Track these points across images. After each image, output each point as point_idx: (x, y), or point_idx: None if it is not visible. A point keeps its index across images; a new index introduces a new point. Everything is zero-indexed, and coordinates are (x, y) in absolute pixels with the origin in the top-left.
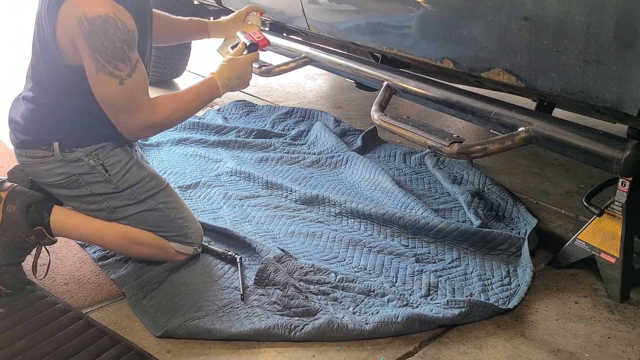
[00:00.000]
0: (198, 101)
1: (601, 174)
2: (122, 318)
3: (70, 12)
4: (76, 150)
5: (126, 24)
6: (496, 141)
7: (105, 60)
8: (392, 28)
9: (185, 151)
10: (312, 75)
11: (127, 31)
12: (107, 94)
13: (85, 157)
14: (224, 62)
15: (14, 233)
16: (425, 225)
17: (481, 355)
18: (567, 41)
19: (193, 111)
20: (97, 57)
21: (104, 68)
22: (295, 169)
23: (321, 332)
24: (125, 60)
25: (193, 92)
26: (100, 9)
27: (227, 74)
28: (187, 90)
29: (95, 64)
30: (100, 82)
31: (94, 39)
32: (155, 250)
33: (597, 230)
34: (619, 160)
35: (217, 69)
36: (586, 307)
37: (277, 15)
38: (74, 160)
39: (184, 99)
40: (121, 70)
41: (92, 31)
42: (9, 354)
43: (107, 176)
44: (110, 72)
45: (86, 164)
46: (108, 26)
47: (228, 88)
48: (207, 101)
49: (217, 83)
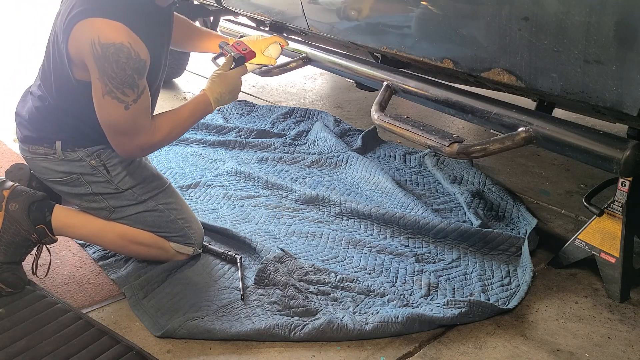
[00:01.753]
0: (193, 119)
1: (601, 174)
2: (122, 318)
3: (84, 32)
4: (78, 150)
5: (139, 54)
6: (496, 141)
7: (114, 85)
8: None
9: (185, 151)
10: (312, 75)
11: (139, 60)
12: (111, 117)
13: (87, 158)
14: (214, 78)
15: (16, 231)
16: (425, 225)
17: (481, 355)
18: (567, 41)
19: (188, 128)
20: (105, 81)
21: (111, 92)
22: (295, 169)
23: (321, 332)
24: (133, 87)
25: (187, 110)
26: (116, 37)
27: (219, 89)
28: (182, 109)
29: (103, 87)
30: (105, 105)
31: (105, 65)
32: (154, 250)
33: (597, 230)
34: (619, 160)
35: (208, 84)
36: (586, 307)
37: (277, 15)
38: (76, 159)
39: (179, 117)
40: (128, 96)
41: (104, 57)
42: (9, 354)
43: (108, 177)
44: (117, 97)
45: (87, 164)
46: (121, 55)
47: (220, 103)
48: (201, 117)
49: (209, 99)
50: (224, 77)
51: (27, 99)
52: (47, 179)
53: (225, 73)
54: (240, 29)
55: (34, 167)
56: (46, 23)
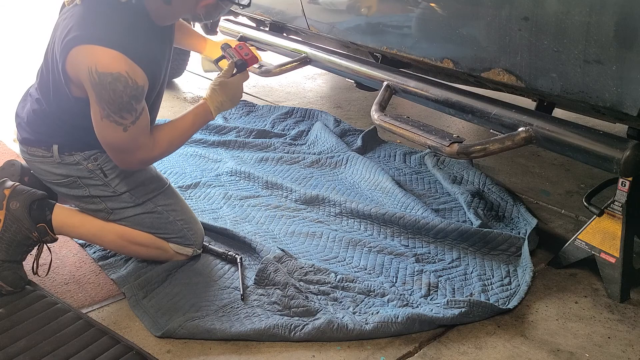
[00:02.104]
0: (193, 129)
1: (601, 174)
2: (122, 318)
3: (81, 59)
4: (75, 154)
5: (136, 81)
6: (496, 141)
7: (112, 110)
8: (392, 28)
9: (185, 151)
10: (312, 75)
11: (137, 87)
12: (110, 138)
13: (84, 161)
14: (215, 86)
15: (17, 229)
16: (425, 225)
17: (481, 355)
18: (567, 41)
19: (188, 138)
20: (103, 106)
21: (109, 116)
22: (295, 169)
23: (321, 332)
24: (131, 111)
25: (188, 121)
26: (113, 66)
27: (220, 98)
28: (182, 120)
29: (101, 111)
30: (104, 127)
31: (102, 92)
32: (154, 251)
33: (597, 230)
34: (619, 160)
35: (209, 93)
36: (586, 307)
37: (277, 15)
38: (73, 163)
39: (179, 129)
40: (126, 119)
41: (101, 85)
42: (9, 354)
43: (105, 180)
44: (115, 121)
45: (84, 168)
46: (118, 84)
47: (220, 111)
48: (202, 126)
49: (209, 109)
50: (225, 85)
51: (27, 100)
52: (46, 180)
53: (226, 81)
54: (240, 29)
55: (33, 168)
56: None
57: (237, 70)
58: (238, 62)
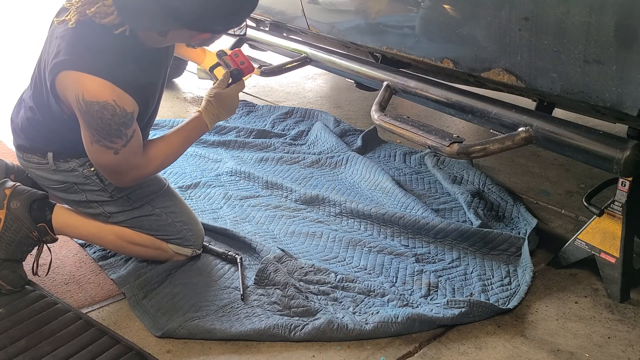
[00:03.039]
0: (188, 144)
1: (601, 174)
2: (122, 318)
3: (68, 84)
4: (70, 161)
5: (125, 109)
6: (496, 141)
7: (101, 136)
8: (392, 28)
9: (185, 151)
10: (312, 75)
11: (125, 115)
12: (101, 161)
13: (80, 167)
14: (210, 99)
15: (17, 228)
16: (425, 225)
17: (481, 355)
18: (567, 41)
19: (183, 152)
20: (92, 132)
21: (99, 142)
22: (295, 169)
23: (321, 332)
24: (121, 136)
25: (182, 136)
26: (100, 94)
27: (215, 111)
28: (177, 134)
29: (91, 136)
30: (95, 150)
31: (90, 120)
32: (153, 251)
33: (597, 230)
34: (619, 160)
35: (204, 105)
36: (586, 307)
37: (277, 15)
38: (69, 170)
39: (174, 145)
40: (116, 143)
41: (89, 113)
42: (9, 354)
43: (102, 185)
44: (106, 145)
45: (80, 174)
46: (105, 112)
47: (216, 122)
48: (196, 139)
49: (205, 122)
50: (221, 97)
51: (21, 106)
52: (44, 185)
53: (221, 92)
54: None
55: (31, 173)
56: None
57: (233, 80)
58: (234, 72)
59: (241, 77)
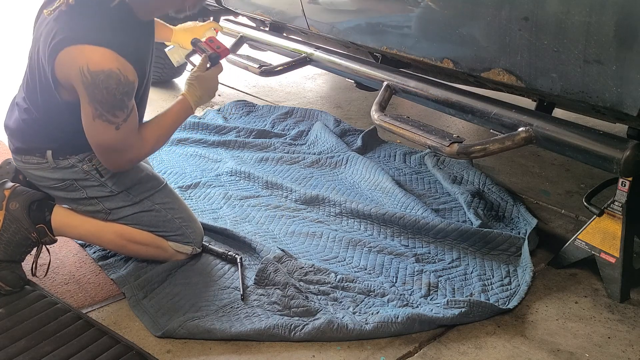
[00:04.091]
0: (176, 125)
1: (601, 174)
2: (122, 318)
3: (71, 59)
4: (69, 158)
5: (128, 77)
6: (496, 141)
7: (104, 109)
8: (392, 28)
9: (185, 151)
10: (312, 75)
11: (128, 84)
12: (102, 138)
13: (79, 163)
14: (192, 81)
15: (16, 230)
16: (425, 225)
17: (481, 355)
18: (567, 41)
19: (172, 134)
20: (96, 106)
21: (102, 116)
22: (295, 169)
23: (321, 332)
24: (123, 109)
25: (171, 117)
26: (105, 63)
27: (198, 92)
28: (165, 116)
29: (94, 111)
30: (96, 127)
31: (95, 92)
32: (153, 250)
33: (597, 230)
34: (619, 160)
35: (187, 88)
36: (586, 307)
37: (277, 15)
38: (68, 166)
39: (164, 126)
40: (118, 117)
41: (94, 84)
42: (9, 354)
43: (101, 180)
44: (108, 120)
45: (80, 170)
46: (111, 81)
47: (199, 104)
48: (184, 121)
49: (189, 103)
50: (202, 79)
51: (14, 111)
52: (43, 185)
53: (202, 75)
54: (240, 29)
55: (29, 175)
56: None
57: (212, 63)
58: (212, 56)
59: (219, 60)
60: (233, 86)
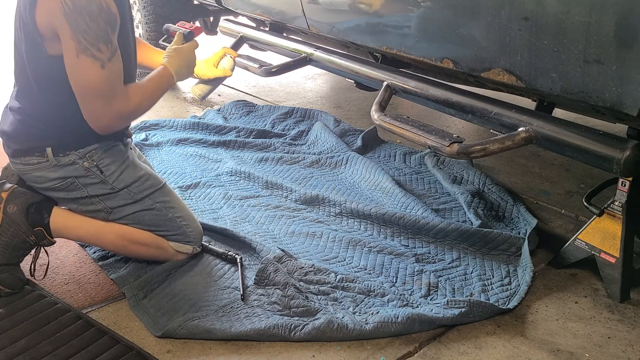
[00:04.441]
0: (159, 91)
1: (601, 174)
2: (122, 318)
3: None
4: (70, 154)
5: (109, 6)
6: (496, 141)
7: (88, 41)
8: (392, 28)
9: (185, 151)
10: (312, 75)
11: (110, 13)
12: (88, 78)
13: (80, 160)
14: (170, 53)
15: (14, 233)
16: (425, 225)
17: (481, 355)
18: (567, 41)
19: (156, 100)
20: (79, 38)
21: (86, 50)
22: (295, 169)
23: (321, 332)
24: (107, 43)
25: (154, 83)
26: None
27: (178, 62)
28: (148, 81)
29: (77, 45)
30: (81, 66)
31: (77, 19)
32: (154, 250)
33: (597, 230)
34: (619, 160)
35: (167, 59)
36: (586, 307)
37: (277, 15)
38: (69, 163)
39: (148, 89)
40: (103, 52)
41: (76, 11)
42: (9, 354)
43: (102, 177)
44: (93, 55)
45: (81, 167)
46: (93, 6)
47: (179, 76)
48: (166, 90)
49: (170, 72)
50: (180, 50)
51: (8, 115)
52: (43, 187)
53: (180, 47)
54: (240, 29)
55: (29, 178)
56: None
57: (186, 39)
58: (185, 32)
59: (193, 36)
60: (233, 86)
